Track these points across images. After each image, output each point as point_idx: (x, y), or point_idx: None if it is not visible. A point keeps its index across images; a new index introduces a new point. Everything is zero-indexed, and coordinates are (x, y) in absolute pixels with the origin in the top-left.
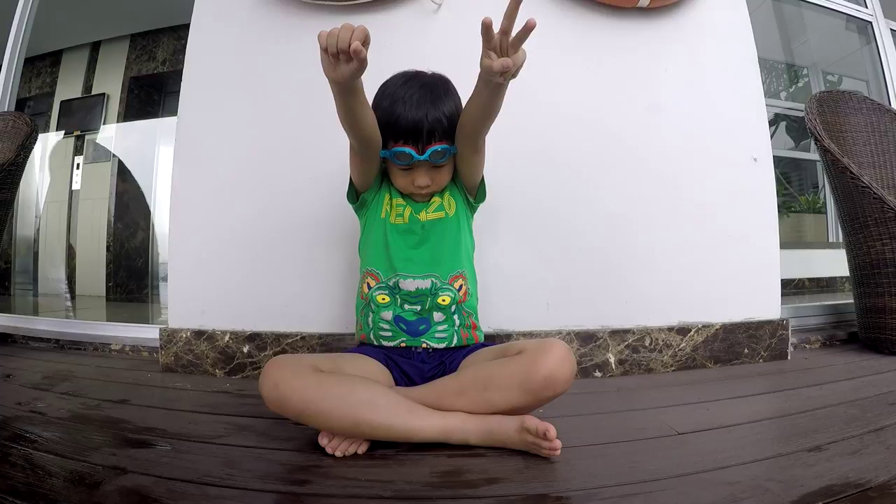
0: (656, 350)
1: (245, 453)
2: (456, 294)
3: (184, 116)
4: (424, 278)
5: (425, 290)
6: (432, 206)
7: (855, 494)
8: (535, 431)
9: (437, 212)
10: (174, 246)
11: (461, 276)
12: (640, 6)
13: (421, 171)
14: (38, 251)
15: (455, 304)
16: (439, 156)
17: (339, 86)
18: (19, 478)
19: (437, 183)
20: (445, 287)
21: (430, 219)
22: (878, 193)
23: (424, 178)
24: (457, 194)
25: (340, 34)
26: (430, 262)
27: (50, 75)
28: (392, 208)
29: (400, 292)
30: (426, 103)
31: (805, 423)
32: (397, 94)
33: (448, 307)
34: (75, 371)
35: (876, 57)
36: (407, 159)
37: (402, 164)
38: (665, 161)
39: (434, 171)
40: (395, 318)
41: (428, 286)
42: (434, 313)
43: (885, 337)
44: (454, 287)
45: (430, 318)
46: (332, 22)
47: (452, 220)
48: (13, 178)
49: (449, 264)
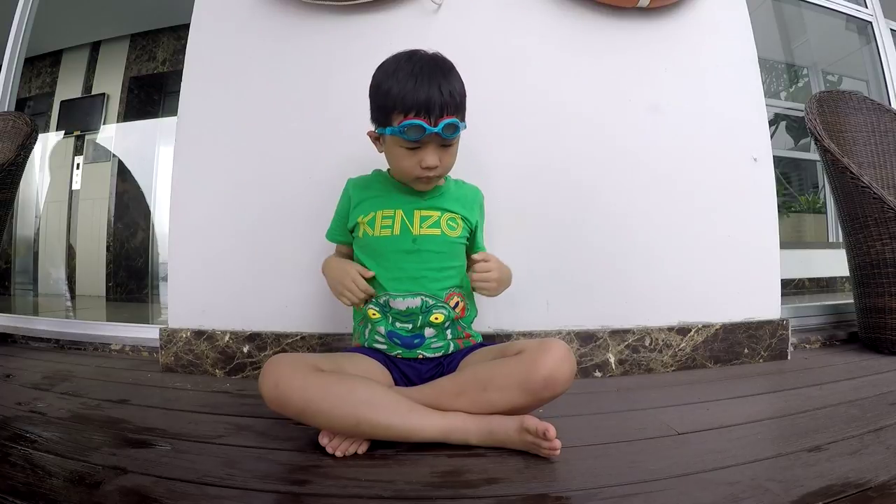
0: (656, 350)
1: (245, 453)
2: (451, 312)
3: (184, 116)
4: (414, 297)
5: (415, 309)
6: (429, 220)
7: (855, 494)
8: (535, 431)
9: (433, 228)
10: (174, 246)
11: (457, 293)
12: (640, 6)
13: (430, 149)
14: (38, 251)
15: (450, 321)
16: (451, 130)
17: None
18: (19, 478)
19: (444, 165)
20: (440, 305)
21: (424, 234)
22: (878, 193)
23: (433, 156)
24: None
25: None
26: (420, 279)
27: (50, 75)
28: (377, 221)
29: (391, 310)
30: (438, 76)
31: (805, 423)
32: (403, 70)
33: (441, 324)
34: (75, 371)
35: (876, 57)
36: (419, 132)
37: (413, 139)
38: (665, 161)
39: (442, 150)
40: (389, 333)
41: (418, 305)
42: (426, 329)
43: (885, 337)
44: (449, 305)
45: (423, 334)
46: (332, 22)
47: (449, 239)
48: (13, 178)
49: (442, 282)
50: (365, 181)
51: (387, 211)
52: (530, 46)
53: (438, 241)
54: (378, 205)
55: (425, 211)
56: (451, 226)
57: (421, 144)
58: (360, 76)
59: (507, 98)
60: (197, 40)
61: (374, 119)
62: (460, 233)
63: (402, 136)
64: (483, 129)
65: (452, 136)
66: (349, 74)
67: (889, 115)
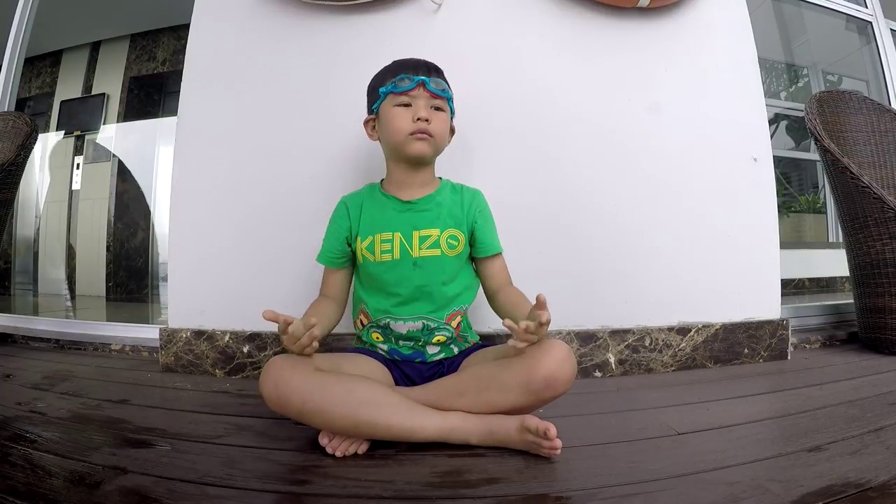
0: (656, 350)
1: (245, 453)
2: (452, 332)
3: (184, 116)
4: (416, 321)
5: (417, 333)
6: (428, 240)
7: (855, 494)
8: (536, 431)
9: (432, 249)
10: (174, 246)
11: (460, 312)
12: (640, 6)
13: (421, 104)
14: (38, 251)
15: (453, 339)
16: (440, 87)
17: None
18: (19, 478)
19: (437, 126)
20: (442, 328)
21: (424, 255)
22: (878, 193)
23: (424, 110)
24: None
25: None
26: (421, 303)
27: (50, 75)
28: (376, 245)
29: (392, 333)
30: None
31: (805, 423)
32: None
33: (444, 343)
34: (75, 371)
35: (876, 57)
36: (408, 83)
37: (403, 89)
38: (665, 161)
39: (433, 112)
40: (391, 351)
41: (419, 328)
42: (428, 347)
43: (885, 337)
44: (451, 326)
45: (424, 351)
46: (332, 22)
47: (450, 258)
48: (13, 178)
49: (446, 304)
50: (357, 200)
51: (385, 234)
52: (530, 46)
53: (439, 260)
54: (375, 227)
55: (424, 230)
56: (452, 244)
57: (411, 100)
58: (360, 76)
59: (506, 98)
60: (197, 40)
61: (370, 105)
62: (461, 249)
63: (393, 90)
64: (482, 129)
65: (440, 93)
66: (349, 74)
67: (889, 115)
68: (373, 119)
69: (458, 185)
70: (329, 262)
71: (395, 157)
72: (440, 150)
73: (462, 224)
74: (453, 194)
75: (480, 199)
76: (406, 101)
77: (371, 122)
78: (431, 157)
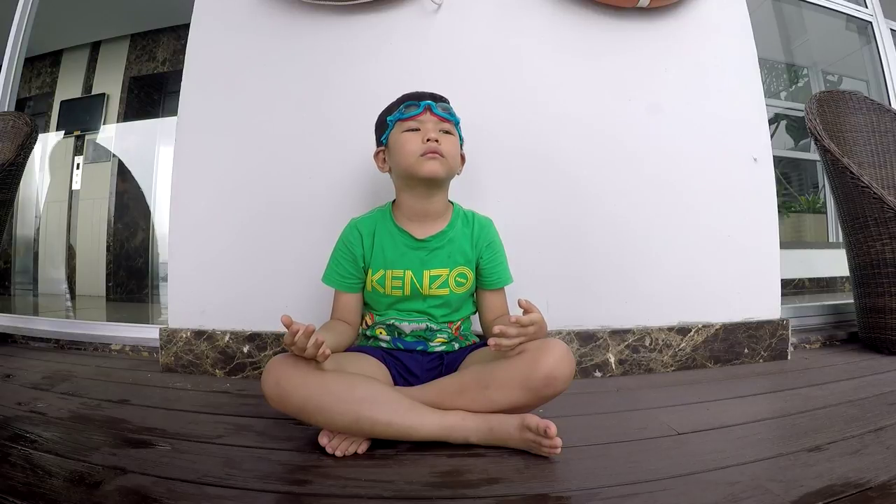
0: (656, 350)
1: (245, 453)
2: (451, 334)
3: (184, 116)
4: (420, 321)
5: (420, 332)
6: (438, 280)
7: (855, 494)
8: (536, 429)
9: (442, 289)
10: (174, 246)
11: (462, 320)
12: (640, 6)
13: (429, 127)
14: (38, 251)
15: (453, 339)
16: (447, 111)
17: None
18: (19, 478)
19: (447, 148)
20: (444, 331)
21: (433, 294)
22: (878, 193)
23: (434, 132)
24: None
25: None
26: (427, 317)
27: (50, 75)
28: (387, 280)
29: (397, 329)
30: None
31: (805, 423)
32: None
33: (445, 342)
34: (75, 371)
35: (876, 57)
36: (415, 108)
37: (410, 115)
38: (665, 161)
39: (442, 135)
40: (394, 340)
41: (423, 329)
42: (429, 343)
43: (885, 337)
44: (450, 330)
45: (427, 344)
46: (332, 22)
47: (458, 295)
48: (13, 178)
49: (447, 319)
50: (370, 227)
51: (396, 271)
52: (530, 46)
53: (447, 297)
54: (387, 262)
55: (434, 270)
56: (460, 282)
57: (419, 125)
58: (360, 76)
59: (506, 97)
60: (197, 40)
61: (378, 137)
62: (469, 287)
63: (401, 116)
64: (482, 129)
65: (447, 117)
66: (349, 74)
67: (889, 115)
68: (382, 150)
69: (470, 215)
70: (343, 286)
71: (409, 183)
72: (452, 173)
73: (471, 261)
74: (465, 226)
75: (489, 232)
76: (414, 125)
77: (381, 154)
78: (444, 178)
